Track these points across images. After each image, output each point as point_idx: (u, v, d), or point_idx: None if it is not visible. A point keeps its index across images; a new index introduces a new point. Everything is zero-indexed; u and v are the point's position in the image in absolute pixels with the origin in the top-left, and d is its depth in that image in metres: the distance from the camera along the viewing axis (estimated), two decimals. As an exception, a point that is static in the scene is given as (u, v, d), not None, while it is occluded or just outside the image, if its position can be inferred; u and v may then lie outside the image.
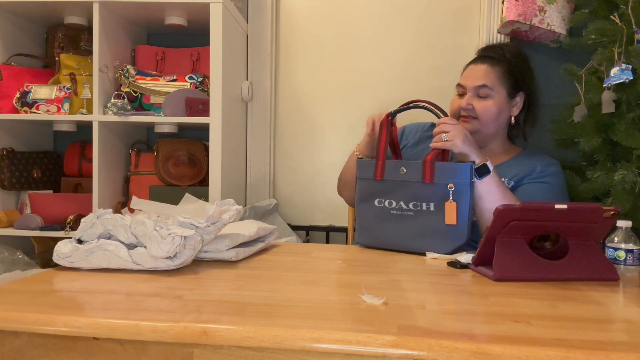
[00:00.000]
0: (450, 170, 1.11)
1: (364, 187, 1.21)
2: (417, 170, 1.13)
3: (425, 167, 1.12)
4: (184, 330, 0.60)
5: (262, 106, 2.10)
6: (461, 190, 1.09)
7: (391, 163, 1.17)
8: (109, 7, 1.78)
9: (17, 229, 1.76)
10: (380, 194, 1.18)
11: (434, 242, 1.12)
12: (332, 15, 2.11)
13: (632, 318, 0.69)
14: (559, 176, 1.33)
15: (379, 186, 1.18)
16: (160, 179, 1.85)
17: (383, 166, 1.18)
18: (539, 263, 0.91)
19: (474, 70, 1.38)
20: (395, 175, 1.16)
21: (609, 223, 0.92)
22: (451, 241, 1.11)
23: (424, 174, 1.12)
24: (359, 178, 1.22)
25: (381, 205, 1.18)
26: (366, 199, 1.20)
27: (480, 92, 1.35)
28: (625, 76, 1.38)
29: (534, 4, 1.76)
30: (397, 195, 1.16)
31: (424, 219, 1.13)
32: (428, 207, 1.13)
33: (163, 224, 0.90)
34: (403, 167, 1.15)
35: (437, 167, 1.11)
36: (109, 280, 0.82)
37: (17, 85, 1.83)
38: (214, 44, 1.72)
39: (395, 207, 1.16)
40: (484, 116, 1.34)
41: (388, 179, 1.17)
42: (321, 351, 0.59)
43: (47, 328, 0.62)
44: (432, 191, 1.12)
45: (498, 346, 0.56)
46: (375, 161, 1.19)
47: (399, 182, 1.15)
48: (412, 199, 1.14)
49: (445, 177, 1.10)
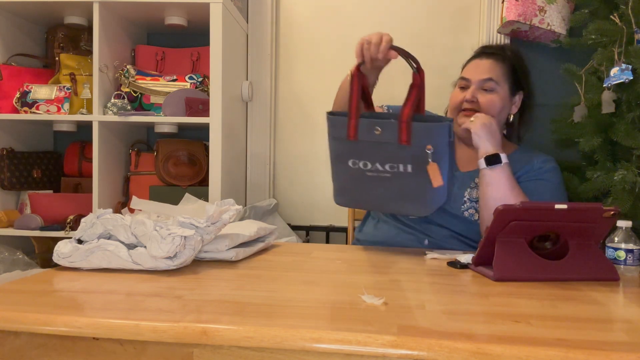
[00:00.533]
0: (428, 131, 1.03)
1: (337, 146, 1.12)
2: (392, 130, 1.05)
3: (402, 127, 1.04)
4: (183, 330, 0.60)
5: (262, 106, 2.10)
6: (440, 151, 1.04)
7: (365, 122, 1.07)
8: (109, 7, 1.78)
9: (17, 229, 1.76)
10: (354, 155, 1.09)
11: (414, 204, 1.09)
12: (332, 15, 2.11)
13: (632, 318, 0.69)
14: (557, 172, 1.33)
15: (352, 146, 1.09)
16: (160, 179, 1.85)
17: (356, 125, 1.07)
18: (539, 263, 0.91)
19: (478, 65, 1.37)
20: (370, 135, 1.06)
21: (609, 223, 0.92)
22: (431, 202, 1.08)
23: (400, 135, 1.04)
24: (331, 137, 1.12)
25: (356, 166, 1.10)
26: (340, 159, 1.12)
27: (486, 86, 1.33)
28: (625, 76, 1.38)
29: (534, 4, 1.76)
30: (372, 156, 1.08)
31: (402, 181, 1.08)
32: (405, 169, 1.06)
33: (163, 224, 0.90)
34: (378, 127, 1.06)
35: (415, 128, 1.03)
36: (109, 280, 0.82)
37: (17, 85, 1.83)
38: (214, 44, 1.72)
39: (371, 168, 1.08)
40: (488, 110, 1.32)
41: (362, 140, 1.07)
42: (321, 351, 0.59)
43: (47, 328, 0.62)
44: (409, 152, 1.05)
45: (498, 346, 0.56)
46: (348, 119, 1.08)
47: (374, 143, 1.06)
48: (388, 161, 1.07)
49: (422, 138, 1.03)
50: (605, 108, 1.44)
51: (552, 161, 1.35)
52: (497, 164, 1.18)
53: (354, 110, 1.08)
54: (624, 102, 1.45)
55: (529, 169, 1.31)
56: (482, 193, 1.20)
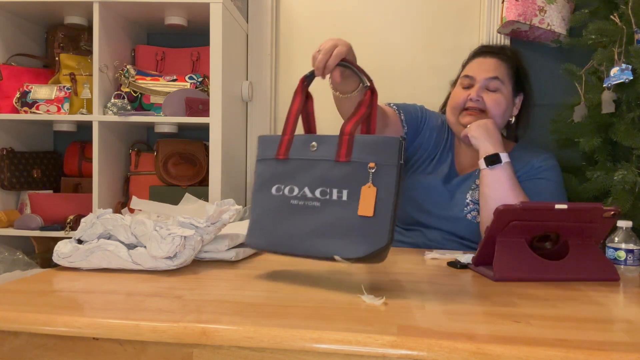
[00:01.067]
0: (373, 144, 0.81)
1: (262, 170, 0.90)
2: (331, 146, 0.84)
3: (342, 140, 0.83)
4: (183, 330, 0.60)
5: (262, 106, 2.10)
6: (385, 172, 0.79)
7: (301, 138, 0.88)
8: (109, 7, 1.78)
9: (17, 229, 1.76)
10: (280, 179, 0.87)
11: (345, 242, 0.79)
12: (332, 15, 2.11)
13: (632, 318, 0.69)
14: (557, 171, 1.32)
15: (280, 168, 0.88)
16: (160, 179, 1.85)
17: (289, 142, 0.88)
18: (539, 263, 0.91)
19: (483, 63, 1.33)
20: (304, 152, 0.86)
21: (609, 223, 0.92)
22: (366, 241, 0.78)
23: (339, 150, 0.83)
24: (259, 160, 0.92)
25: (279, 193, 0.87)
26: (263, 186, 0.89)
27: (491, 85, 1.30)
28: (625, 76, 1.38)
29: (534, 4, 1.76)
30: (302, 179, 0.85)
31: (332, 212, 0.81)
32: (340, 196, 0.81)
33: (163, 224, 0.90)
34: (314, 142, 0.86)
35: (357, 141, 0.82)
36: (109, 280, 0.82)
37: (17, 85, 1.83)
38: (214, 44, 1.72)
39: (298, 194, 0.85)
40: (494, 110, 1.29)
41: (294, 158, 0.87)
42: (321, 351, 0.58)
43: (47, 328, 0.62)
44: (347, 173, 0.81)
45: (498, 346, 0.56)
46: (281, 136, 0.90)
47: (307, 161, 0.85)
48: (320, 184, 0.83)
49: (365, 154, 0.81)
50: (605, 108, 1.44)
51: (552, 158, 1.34)
52: (497, 163, 1.17)
53: (290, 126, 0.91)
54: (624, 102, 1.45)
55: (529, 168, 1.30)
56: (482, 193, 1.19)
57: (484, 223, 1.20)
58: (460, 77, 1.38)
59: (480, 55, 1.37)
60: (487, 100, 1.29)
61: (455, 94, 1.36)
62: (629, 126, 1.43)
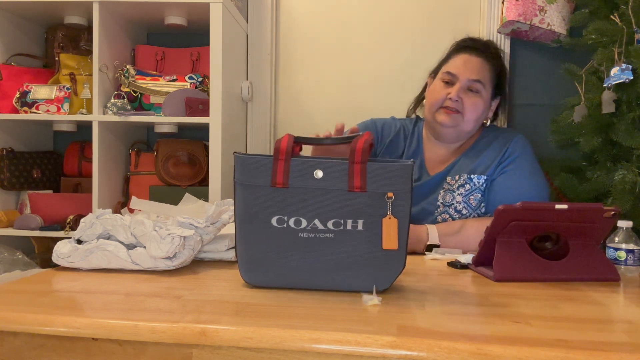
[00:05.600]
0: (389, 173, 0.78)
1: (252, 199, 0.79)
2: (340, 173, 0.78)
3: (355, 169, 0.78)
4: (182, 330, 0.60)
5: (262, 106, 2.10)
6: (400, 200, 0.78)
7: (300, 162, 0.79)
8: (109, 7, 1.78)
9: (16, 229, 1.76)
10: (280, 209, 0.79)
11: (365, 273, 0.79)
12: (331, 15, 2.10)
13: (632, 319, 0.69)
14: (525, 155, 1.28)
15: (279, 197, 0.79)
16: (160, 179, 1.85)
17: (287, 167, 0.78)
18: (539, 263, 0.91)
19: (469, 62, 1.29)
20: (307, 180, 0.78)
21: (609, 223, 0.92)
22: (389, 271, 0.79)
23: (351, 180, 0.78)
24: (241, 185, 0.80)
25: (282, 225, 0.79)
26: (256, 217, 0.79)
27: (472, 86, 1.28)
28: (625, 76, 1.38)
29: (534, 4, 1.76)
30: (310, 209, 0.78)
31: (349, 243, 0.78)
32: (355, 226, 0.78)
33: (162, 224, 0.90)
34: (319, 170, 0.78)
35: (370, 170, 0.78)
36: (108, 280, 0.82)
37: (17, 85, 1.83)
38: (214, 44, 1.71)
39: (307, 227, 0.79)
40: (470, 113, 1.28)
41: (295, 187, 0.78)
42: (320, 352, 0.58)
43: (46, 328, 0.62)
44: (362, 203, 0.78)
45: (498, 346, 0.56)
46: (274, 160, 0.79)
47: (314, 191, 0.78)
48: (333, 215, 0.78)
49: (380, 183, 0.78)
50: (605, 108, 1.44)
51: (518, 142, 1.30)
52: (435, 246, 1.18)
53: (284, 149, 0.78)
54: (624, 102, 1.45)
55: (500, 160, 1.28)
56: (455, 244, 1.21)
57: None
58: (442, 70, 1.33)
59: (466, 51, 1.32)
60: (465, 103, 1.28)
61: (435, 89, 1.32)
62: (629, 126, 1.43)
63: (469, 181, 1.27)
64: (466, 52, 1.32)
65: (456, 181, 1.28)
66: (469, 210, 1.27)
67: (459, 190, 1.27)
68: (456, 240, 1.18)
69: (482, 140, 1.33)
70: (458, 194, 1.27)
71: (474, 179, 1.27)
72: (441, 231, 1.19)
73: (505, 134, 1.33)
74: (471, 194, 1.27)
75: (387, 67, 2.09)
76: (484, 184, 1.27)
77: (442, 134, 1.31)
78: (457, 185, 1.28)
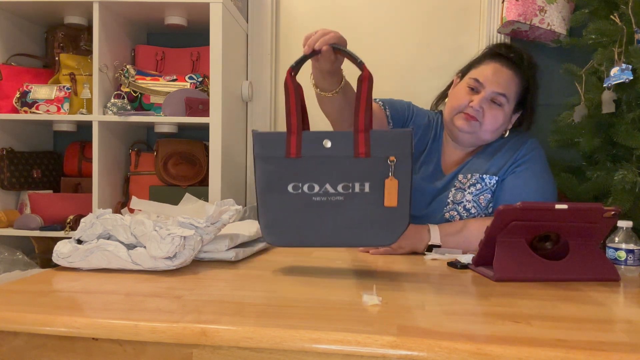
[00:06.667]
0: (390, 139, 0.88)
1: (270, 169, 0.90)
2: (346, 142, 0.88)
3: (359, 137, 0.88)
4: (183, 330, 0.60)
5: (262, 106, 2.10)
6: (402, 163, 0.88)
7: (310, 135, 0.89)
8: (109, 7, 1.78)
9: (17, 229, 1.76)
10: (295, 177, 0.90)
11: (373, 232, 0.89)
12: (331, 15, 2.10)
13: (632, 318, 0.69)
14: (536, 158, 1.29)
15: (294, 166, 0.89)
16: (160, 179, 1.85)
17: (299, 139, 0.89)
18: (539, 263, 0.91)
19: (499, 73, 1.27)
20: (317, 150, 0.89)
21: (609, 223, 0.92)
22: (392, 229, 0.89)
23: (356, 147, 0.88)
24: (260, 158, 0.91)
25: (298, 191, 0.89)
26: (275, 186, 0.90)
27: (496, 99, 1.26)
28: (625, 76, 1.38)
29: (534, 4, 1.76)
30: (321, 176, 0.89)
31: (358, 204, 0.89)
32: (362, 188, 0.89)
33: (162, 224, 0.90)
34: (327, 140, 0.88)
35: (374, 137, 0.88)
36: (108, 280, 0.82)
37: (17, 85, 1.83)
38: (214, 44, 1.71)
39: (319, 191, 0.89)
40: (489, 125, 1.27)
41: (307, 156, 0.89)
42: (320, 352, 0.58)
43: (46, 328, 0.62)
44: (367, 167, 0.88)
45: (498, 347, 0.56)
46: (287, 134, 0.89)
47: (323, 158, 0.88)
48: (342, 179, 0.88)
49: (383, 148, 0.88)
50: (605, 108, 1.44)
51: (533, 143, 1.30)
52: (436, 247, 1.18)
53: (294, 123, 0.89)
54: (624, 102, 1.45)
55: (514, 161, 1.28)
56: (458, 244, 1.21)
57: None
58: (470, 74, 1.31)
59: (498, 60, 1.29)
60: (486, 114, 1.26)
61: (459, 93, 1.31)
62: (629, 126, 1.42)
63: (480, 181, 1.28)
64: (498, 61, 1.29)
65: (468, 180, 1.29)
66: (477, 210, 1.27)
67: (469, 189, 1.28)
68: (458, 240, 1.19)
69: (496, 142, 1.33)
70: (469, 192, 1.28)
71: (485, 179, 1.28)
72: (443, 231, 1.19)
73: (520, 137, 1.34)
74: (481, 194, 1.27)
75: (387, 67, 2.09)
76: (495, 185, 1.28)
77: (458, 137, 1.31)
78: (469, 184, 1.28)
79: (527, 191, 1.24)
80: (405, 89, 2.07)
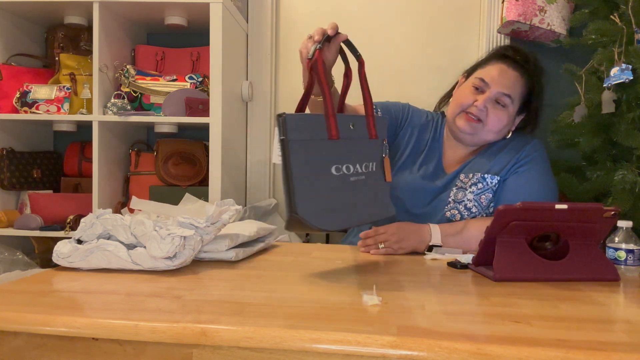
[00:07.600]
0: (381, 124, 1.01)
1: (312, 152, 0.86)
2: (363, 125, 0.97)
3: (370, 121, 0.98)
4: (183, 330, 0.60)
5: (262, 106, 2.10)
6: (386, 144, 1.02)
7: (340, 117, 0.91)
8: (109, 7, 1.78)
9: (17, 229, 1.76)
10: (337, 159, 0.89)
11: (382, 206, 0.99)
12: (331, 15, 2.10)
13: (632, 318, 0.69)
14: (539, 158, 1.29)
15: (335, 148, 0.89)
16: (160, 179, 1.85)
17: (336, 121, 0.89)
18: (539, 263, 0.91)
19: (504, 74, 1.27)
20: (346, 132, 0.92)
21: (609, 223, 0.92)
22: (388, 201, 1.01)
23: (369, 130, 0.97)
24: (299, 142, 0.84)
25: (339, 172, 0.89)
26: (320, 169, 0.87)
27: (501, 100, 1.26)
28: (625, 76, 1.38)
29: (534, 4, 1.76)
30: (353, 156, 0.92)
31: (372, 181, 0.97)
32: (372, 167, 0.97)
33: (162, 224, 0.90)
34: (352, 122, 0.93)
35: (376, 121, 1.00)
36: (109, 280, 0.82)
37: (17, 85, 1.83)
38: (214, 44, 1.71)
39: (353, 171, 0.92)
40: (492, 126, 1.27)
41: (343, 138, 0.90)
42: (321, 352, 0.58)
43: (46, 328, 0.62)
44: (373, 148, 0.98)
45: (498, 346, 0.56)
46: (326, 116, 0.88)
47: (352, 140, 0.93)
48: (363, 159, 0.95)
49: (379, 131, 1.00)
50: (605, 108, 1.44)
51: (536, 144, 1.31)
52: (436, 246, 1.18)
53: (330, 106, 0.88)
54: (624, 102, 1.45)
55: (516, 161, 1.28)
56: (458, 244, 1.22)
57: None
58: (475, 74, 1.31)
59: (504, 61, 1.29)
60: (490, 114, 1.27)
61: (464, 92, 1.31)
62: (629, 126, 1.42)
63: (482, 180, 1.28)
64: (504, 62, 1.29)
65: (469, 179, 1.29)
66: (478, 209, 1.27)
67: (471, 189, 1.28)
68: (458, 240, 1.19)
69: (499, 142, 1.33)
70: (470, 191, 1.28)
71: (487, 179, 1.28)
72: (444, 231, 1.19)
73: (523, 137, 1.34)
74: (483, 193, 1.27)
75: (387, 67, 2.09)
76: (496, 184, 1.28)
77: (460, 137, 1.31)
78: (470, 184, 1.28)
79: (529, 191, 1.24)
80: (404, 88, 2.07)
